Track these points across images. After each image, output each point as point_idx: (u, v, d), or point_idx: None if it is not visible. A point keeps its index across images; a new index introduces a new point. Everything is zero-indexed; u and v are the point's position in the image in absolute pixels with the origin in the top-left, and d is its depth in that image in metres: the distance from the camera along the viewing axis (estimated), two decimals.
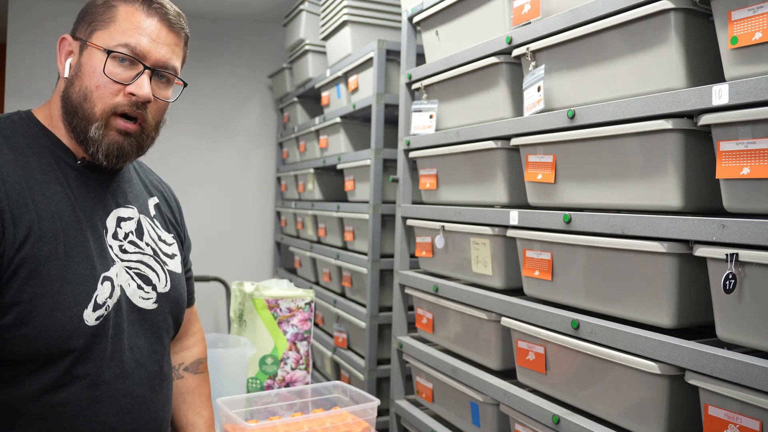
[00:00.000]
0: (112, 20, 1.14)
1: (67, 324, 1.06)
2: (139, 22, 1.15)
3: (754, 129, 1.18)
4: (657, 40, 1.38)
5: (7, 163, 1.07)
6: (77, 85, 1.14)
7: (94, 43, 1.13)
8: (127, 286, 1.18)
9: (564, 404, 1.62)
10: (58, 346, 1.06)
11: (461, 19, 2.09)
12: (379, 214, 2.78)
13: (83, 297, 1.09)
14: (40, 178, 1.10)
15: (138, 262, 1.22)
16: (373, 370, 2.77)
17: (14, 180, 1.06)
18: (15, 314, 1.03)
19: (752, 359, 1.14)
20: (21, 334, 1.03)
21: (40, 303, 1.04)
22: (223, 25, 4.52)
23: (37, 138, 1.14)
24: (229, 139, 4.60)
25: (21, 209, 1.05)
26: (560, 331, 1.59)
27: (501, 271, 1.91)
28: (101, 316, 1.11)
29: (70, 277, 1.08)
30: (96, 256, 1.13)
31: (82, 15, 1.18)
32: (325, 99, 3.47)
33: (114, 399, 1.13)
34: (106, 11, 1.15)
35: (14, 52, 4.07)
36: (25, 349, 1.04)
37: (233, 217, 4.59)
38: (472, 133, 1.98)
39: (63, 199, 1.12)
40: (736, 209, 1.23)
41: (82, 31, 1.17)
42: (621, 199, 1.48)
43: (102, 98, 1.12)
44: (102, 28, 1.14)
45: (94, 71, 1.12)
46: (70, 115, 1.14)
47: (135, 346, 1.18)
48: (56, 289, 1.06)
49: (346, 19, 3.04)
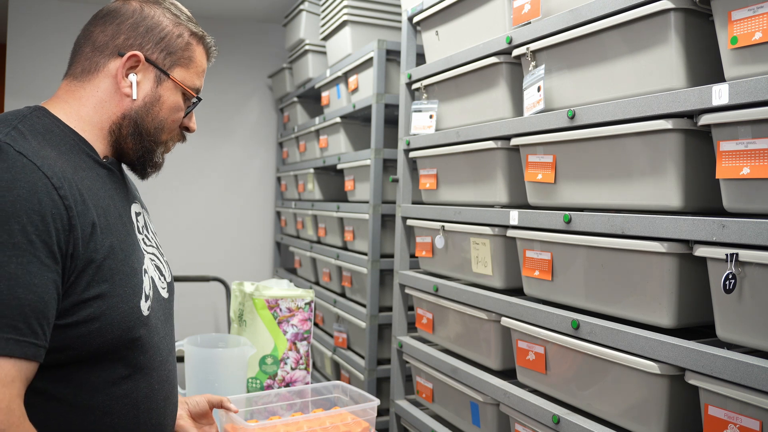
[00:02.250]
0: (191, 60, 1.24)
1: (130, 315, 1.10)
2: (203, 65, 1.27)
3: (754, 129, 1.18)
4: (657, 40, 1.38)
5: (56, 161, 1.06)
6: (154, 114, 1.21)
7: (182, 83, 1.22)
8: (156, 278, 1.23)
9: (564, 404, 1.62)
10: (125, 338, 1.10)
11: (461, 19, 2.09)
12: (379, 214, 2.78)
13: (138, 288, 1.13)
14: (83, 174, 1.10)
15: (153, 255, 1.26)
16: (373, 370, 2.77)
17: (69, 177, 1.06)
18: (87, 310, 1.04)
19: (752, 359, 1.14)
20: (94, 329, 1.05)
21: (108, 297, 1.07)
22: (223, 25, 4.52)
23: (65, 135, 1.13)
24: (229, 139, 4.60)
25: (81, 206, 1.05)
26: (560, 331, 1.59)
27: (501, 271, 1.91)
28: (149, 306, 1.16)
29: (126, 270, 1.11)
30: (136, 249, 1.17)
31: (154, 37, 1.20)
32: (325, 99, 3.47)
33: (161, 385, 1.19)
34: (185, 48, 1.23)
35: (14, 52, 4.07)
36: (97, 343, 1.06)
37: (233, 217, 4.59)
38: (472, 133, 1.98)
39: (105, 196, 1.13)
40: (736, 209, 1.23)
41: (158, 57, 1.20)
42: (621, 199, 1.48)
43: (170, 130, 1.26)
44: (183, 66, 1.23)
45: (174, 108, 1.23)
46: (136, 135, 1.21)
47: (167, 335, 1.25)
48: (118, 282, 1.09)
49: (346, 19, 3.04)
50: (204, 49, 1.27)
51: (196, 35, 1.25)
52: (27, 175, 0.99)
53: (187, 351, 1.64)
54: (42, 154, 1.04)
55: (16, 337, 0.95)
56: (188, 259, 4.33)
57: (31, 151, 1.02)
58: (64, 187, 1.02)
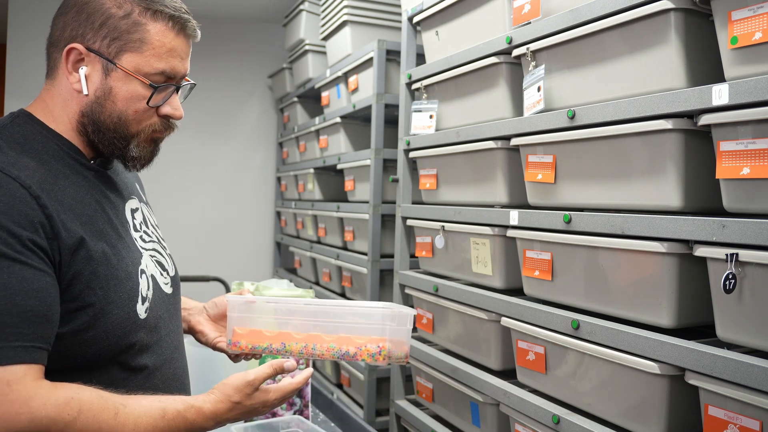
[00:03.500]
0: (144, 42, 1.09)
1: (126, 320, 1.09)
2: (171, 44, 1.11)
3: (754, 129, 1.18)
4: (657, 40, 1.38)
5: (36, 171, 1.04)
6: (108, 108, 1.11)
7: (129, 70, 1.09)
8: (157, 275, 1.21)
9: (564, 404, 1.62)
10: (120, 344, 1.09)
11: (461, 19, 2.09)
12: (379, 214, 2.78)
13: (133, 292, 1.11)
14: (65, 182, 1.08)
15: (154, 250, 1.24)
16: (373, 370, 2.77)
17: (48, 188, 1.03)
18: (81, 319, 1.04)
19: (752, 359, 1.14)
20: (89, 337, 1.05)
21: (101, 304, 1.06)
22: (223, 25, 4.52)
23: (48, 141, 1.11)
24: (229, 139, 4.60)
25: (63, 216, 1.03)
26: (560, 331, 1.59)
27: (501, 271, 1.91)
28: (147, 308, 1.14)
29: (119, 275, 1.09)
30: (131, 251, 1.15)
31: (94, 23, 1.09)
32: (325, 99, 3.47)
33: (166, 383, 1.18)
34: (134, 29, 1.09)
35: (14, 52, 4.07)
36: (93, 351, 1.06)
37: (233, 216, 4.59)
38: (472, 133, 1.98)
39: (91, 201, 1.11)
40: (736, 209, 1.23)
41: (101, 45, 1.09)
42: (621, 199, 1.48)
43: (139, 121, 1.13)
44: (132, 50, 1.09)
45: (132, 99, 1.11)
46: (98, 132, 1.12)
47: (171, 332, 1.23)
48: (112, 288, 1.07)
49: (346, 19, 3.04)
50: (166, 25, 1.10)
51: (150, 11, 1.09)
52: (3, 188, 0.98)
53: (188, 351, 1.64)
54: (19, 165, 1.02)
55: (23, 344, 0.95)
56: (188, 259, 4.32)
57: (8, 163, 1.01)
58: (43, 197, 1.01)
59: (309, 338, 1.26)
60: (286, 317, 1.30)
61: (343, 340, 1.24)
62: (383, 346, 1.22)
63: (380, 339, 1.22)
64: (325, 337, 1.26)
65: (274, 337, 1.28)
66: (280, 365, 1.19)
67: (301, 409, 1.85)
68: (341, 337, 1.25)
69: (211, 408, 1.10)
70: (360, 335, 1.24)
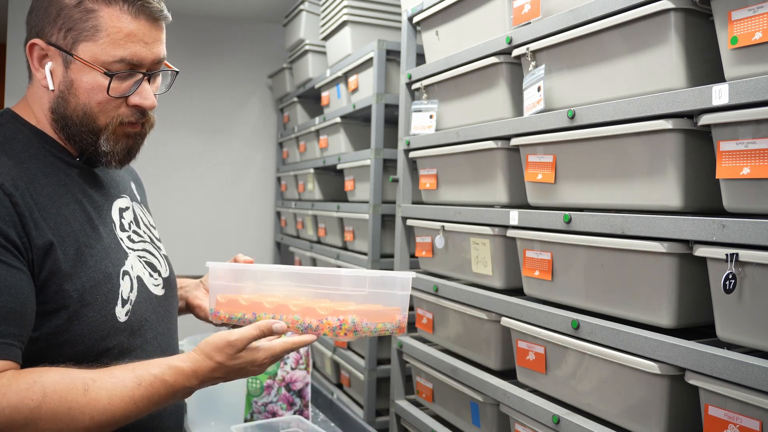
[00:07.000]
0: (98, 29, 1.05)
1: (103, 323, 1.07)
2: (129, 28, 1.07)
3: (754, 129, 1.18)
4: (657, 40, 1.38)
5: (11, 170, 1.03)
6: (72, 102, 1.09)
7: (86, 61, 1.06)
8: (145, 276, 1.19)
9: (564, 404, 1.62)
10: (97, 347, 1.06)
11: (461, 19, 2.09)
12: (379, 214, 2.78)
13: (112, 295, 1.09)
14: (44, 181, 1.07)
15: (143, 251, 1.22)
16: (373, 370, 2.77)
17: (23, 186, 1.03)
18: (55, 321, 1.02)
19: (752, 359, 1.14)
20: (64, 340, 1.03)
21: (77, 307, 1.04)
22: (223, 25, 4.52)
23: (30, 140, 1.10)
24: (229, 139, 4.60)
25: (37, 214, 1.02)
26: (560, 331, 1.59)
27: (501, 271, 1.91)
28: (129, 311, 1.11)
29: (97, 276, 1.07)
30: (113, 251, 1.13)
31: (51, 15, 1.07)
32: (325, 99, 3.47)
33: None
34: (87, 17, 1.05)
35: (14, 52, 4.07)
36: (68, 353, 1.04)
37: (233, 216, 4.59)
38: (472, 133, 1.98)
39: (71, 201, 1.10)
40: (736, 209, 1.23)
41: (58, 38, 1.07)
42: (621, 199, 1.48)
43: (105, 112, 1.10)
44: (87, 39, 1.06)
45: (93, 90, 1.08)
46: (67, 128, 1.11)
47: (158, 334, 1.19)
48: (88, 290, 1.05)
49: (346, 19, 3.04)
50: (121, 9, 1.06)
51: None
52: None
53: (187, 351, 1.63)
54: None
55: None
56: (188, 259, 4.32)
57: None
58: (16, 195, 1.00)
59: (278, 309, 1.19)
60: (263, 283, 1.24)
61: (307, 311, 1.17)
62: (344, 319, 1.14)
63: (344, 311, 1.14)
64: (292, 308, 1.18)
65: (248, 306, 1.22)
66: (268, 327, 1.11)
67: (301, 409, 1.85)
68: (306, 308, 1.17)
69: (191, 366, 1.06)
70: (334, 302, 1.16)
